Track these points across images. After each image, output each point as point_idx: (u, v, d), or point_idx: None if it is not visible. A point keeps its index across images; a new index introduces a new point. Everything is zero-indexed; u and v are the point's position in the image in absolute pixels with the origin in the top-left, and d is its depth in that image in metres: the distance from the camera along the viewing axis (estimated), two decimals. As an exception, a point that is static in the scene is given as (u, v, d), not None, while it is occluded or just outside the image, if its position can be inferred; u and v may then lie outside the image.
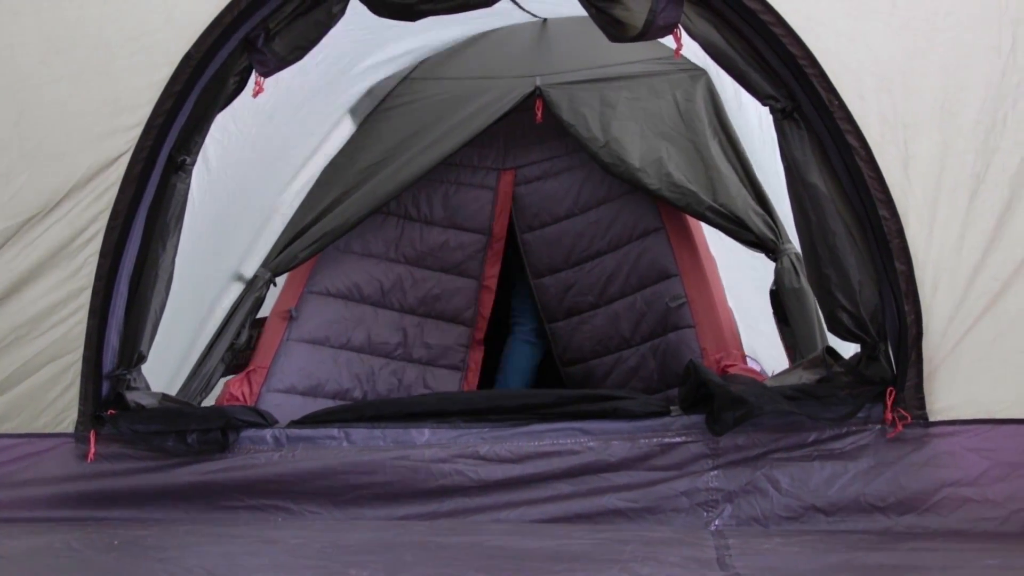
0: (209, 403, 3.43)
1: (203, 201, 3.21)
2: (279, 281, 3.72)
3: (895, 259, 2.51)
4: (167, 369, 3.34)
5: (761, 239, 3.36)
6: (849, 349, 2.79)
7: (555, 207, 3.86)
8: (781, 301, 3.27)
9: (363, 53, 3.66)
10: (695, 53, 3.23)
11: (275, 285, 3.69)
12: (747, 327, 3.68)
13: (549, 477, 2.68)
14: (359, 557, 2.23)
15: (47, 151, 2.73)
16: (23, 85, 2.72)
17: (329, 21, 2.73)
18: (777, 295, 3.29)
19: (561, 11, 3.81)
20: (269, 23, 2.70)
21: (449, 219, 3.89)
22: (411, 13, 2.74)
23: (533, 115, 3.69)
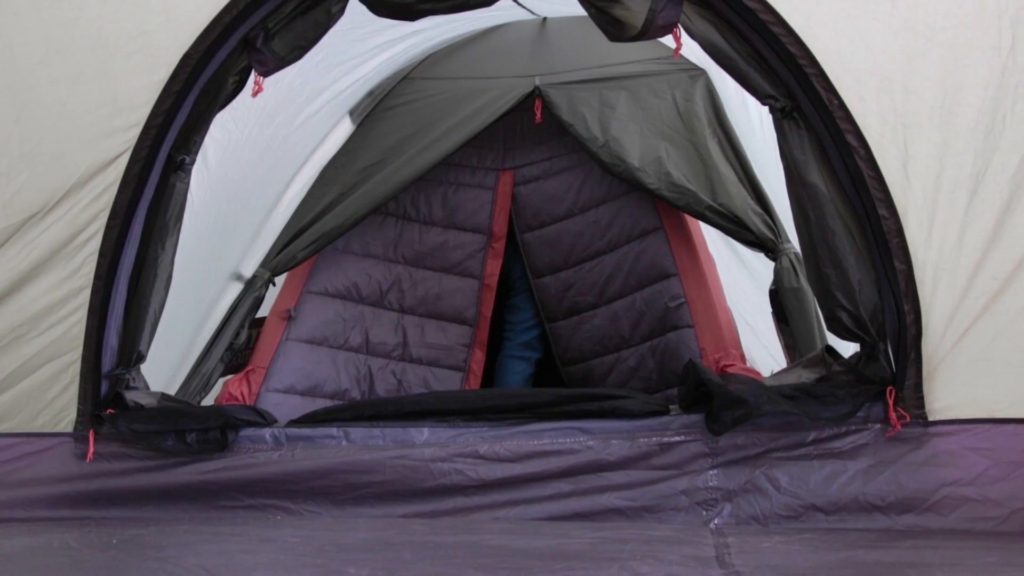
0: (208, 402, 3.43)
1: (202, 201, 3.20)
2: (278, 281, 3.72)
3: (895, 258, 2.51)
4: (166, 368, 3.34)
5: (760, 239, 3.36)
6: (848, 348, 2.79)
7: (555, 207, 3.86)
8: (780, 301, 3.27)
9: (362, 53, 3.66)
10: (694, 53, 3.23)
11: (274, 285, 3.69)
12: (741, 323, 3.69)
13: (548, 476, 2.68)
14: (358, 556, 2.23)
15: (46, 151, 2.72)
16: (22, 85, 2.72)
17: (328, 21, 2.72)
18: (776, 294, 3.29)
19: (561, 9, 3.81)
20: (268, 23, 2.69)
21: (448, 219, 3.89)
22: (410, 12, 2.74)
23: (532, 115, 3.69)
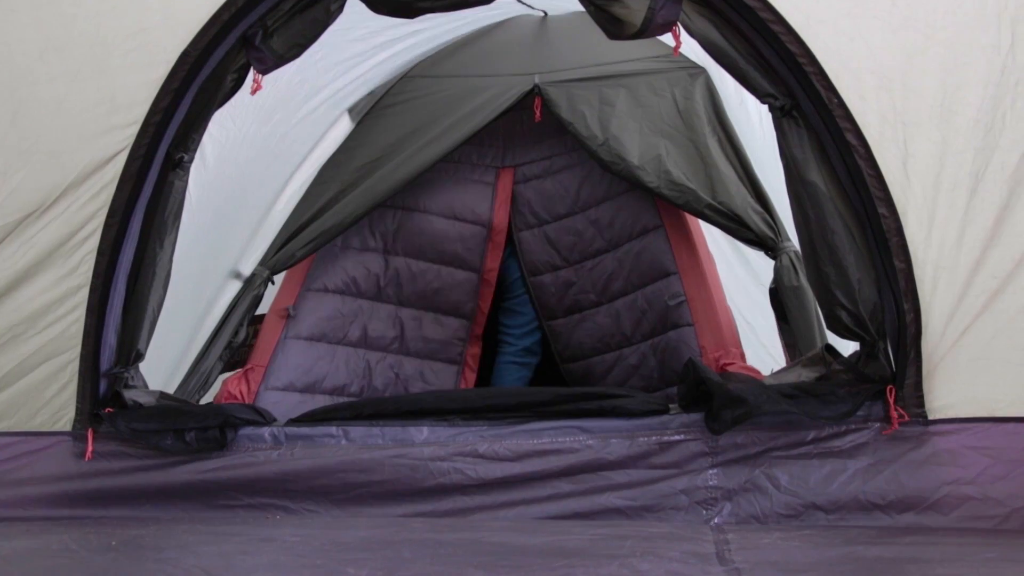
0: (207, 401, 3.42)
1: (201, 199, 3.20)
2: (277, 279, 3.71)
3: (894, 257, 2.51)
4: (165, 367, 3.33)
5: (760, 237, 3.36)
6: (848, 347, 2.79)
7: (554, 205, 3.85)
8: (780, 299, 3.27)
9: (361, 51, 3.66)
10: (694, 51, 3.22)
11: (273, 283, 3.68)
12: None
13: (548, 475, 2.67)
14: (358, 555, 2.22)
15: (44, 148, 2.71)
16: (20, 82, 2.71)
17: (327, 18, 2.72)
18: (776, 293, 3.29)
19: (560, 5, 3.80)
20: (267, 20, 2.69)
21: (449, 209, 3.85)
22: (409, 10, 2.73)
23: (532, 113, 3.68)
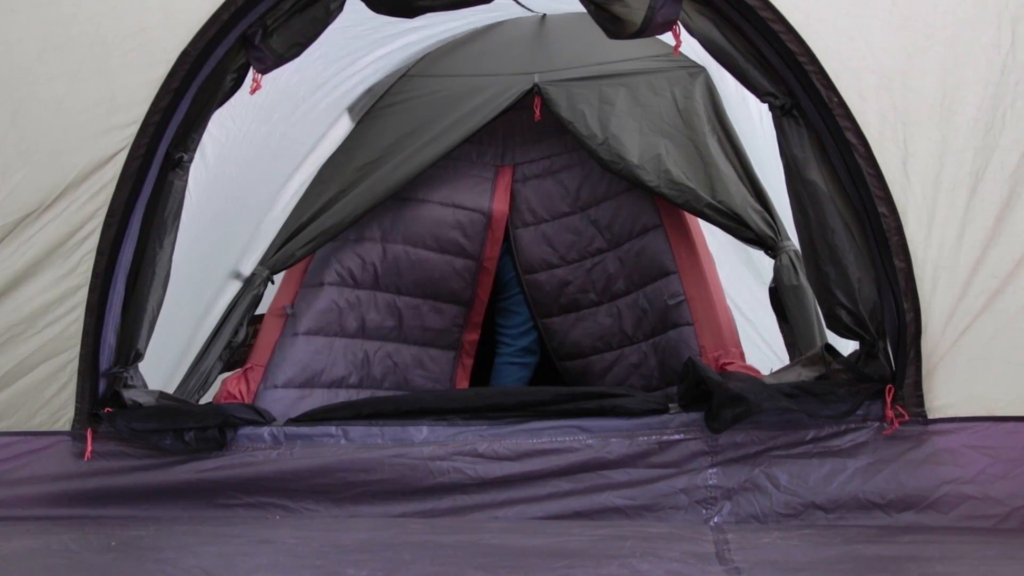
0: (207, 401, 3.42)
1: (200, 198, 3.20)
2: (277, 279, 3.71)
3: (894, 256, 2.51)
4: (164, 367, 3.33)
5: (760, 236, 3.35)
6: (848, 347, 2.79)
7: (554, 204, 3.85)
8: (780, 298, 3.26)
9: (361, 50, 3.65)
10: (694, 50, 3.22)
11: (272, 283, 3.68)
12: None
13: (547, 475, 2.67)
14: (357, 556, 2.22)
15: (43, 148, 2.71)
16: (19, 82, 2.71)
17: (326, 18, 2.72)
18: (776, 292, 3.29)
19: (559, 7, 3.80)
20: (266, 20, 2.69)
21: (448, 198, 3.83)
22: (409, 9, 2.73)
23: (532, 112, 3.68)
